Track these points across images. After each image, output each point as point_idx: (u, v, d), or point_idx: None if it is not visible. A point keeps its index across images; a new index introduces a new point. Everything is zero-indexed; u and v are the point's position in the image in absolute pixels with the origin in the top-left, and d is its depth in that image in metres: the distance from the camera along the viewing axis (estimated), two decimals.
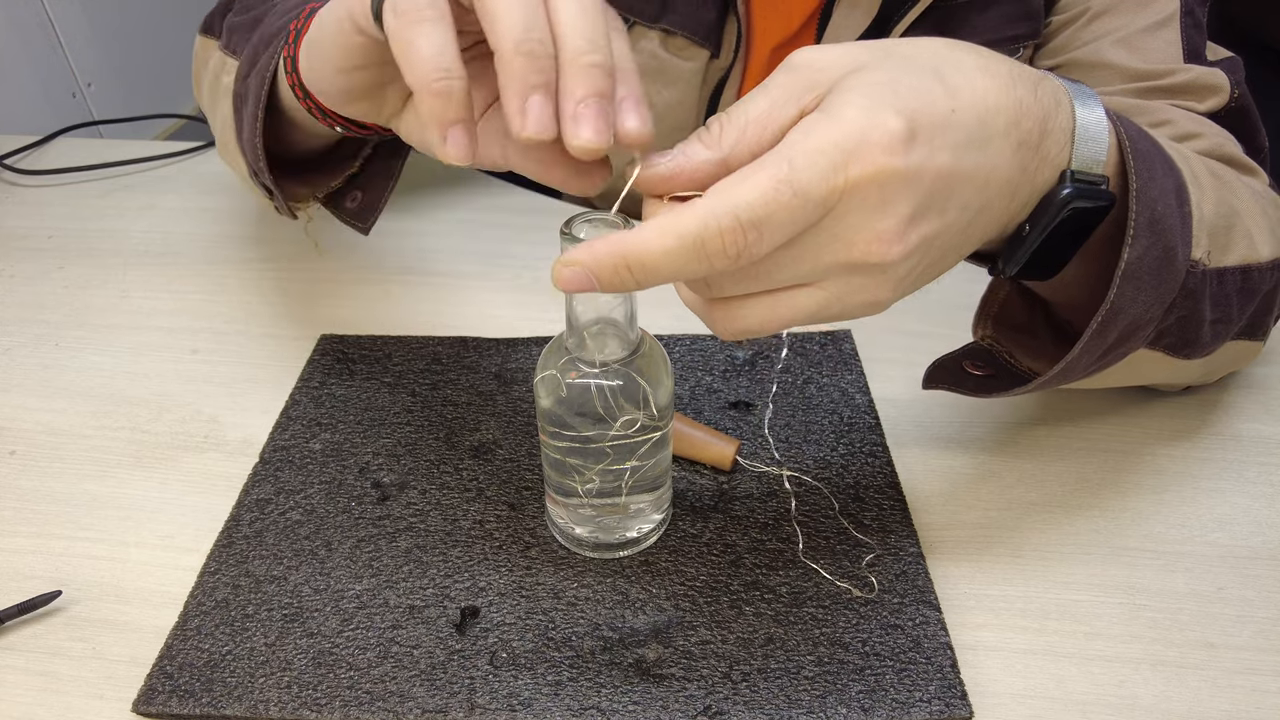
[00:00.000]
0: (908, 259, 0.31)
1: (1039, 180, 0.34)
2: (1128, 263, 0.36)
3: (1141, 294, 0.37)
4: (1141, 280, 0.37)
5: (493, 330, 0.60)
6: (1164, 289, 0.38)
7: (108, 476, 0.51)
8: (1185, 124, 0.55)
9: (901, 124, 0.30)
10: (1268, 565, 0.46)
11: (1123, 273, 0.36)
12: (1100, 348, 0.39)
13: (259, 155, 0.46)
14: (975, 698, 0.39)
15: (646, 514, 0.45)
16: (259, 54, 0.47)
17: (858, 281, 0.32)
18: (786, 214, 0.29)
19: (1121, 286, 0.36)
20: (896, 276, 0.32)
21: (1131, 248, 0.36)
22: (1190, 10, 0.58)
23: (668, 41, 0.66)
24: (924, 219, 0.31)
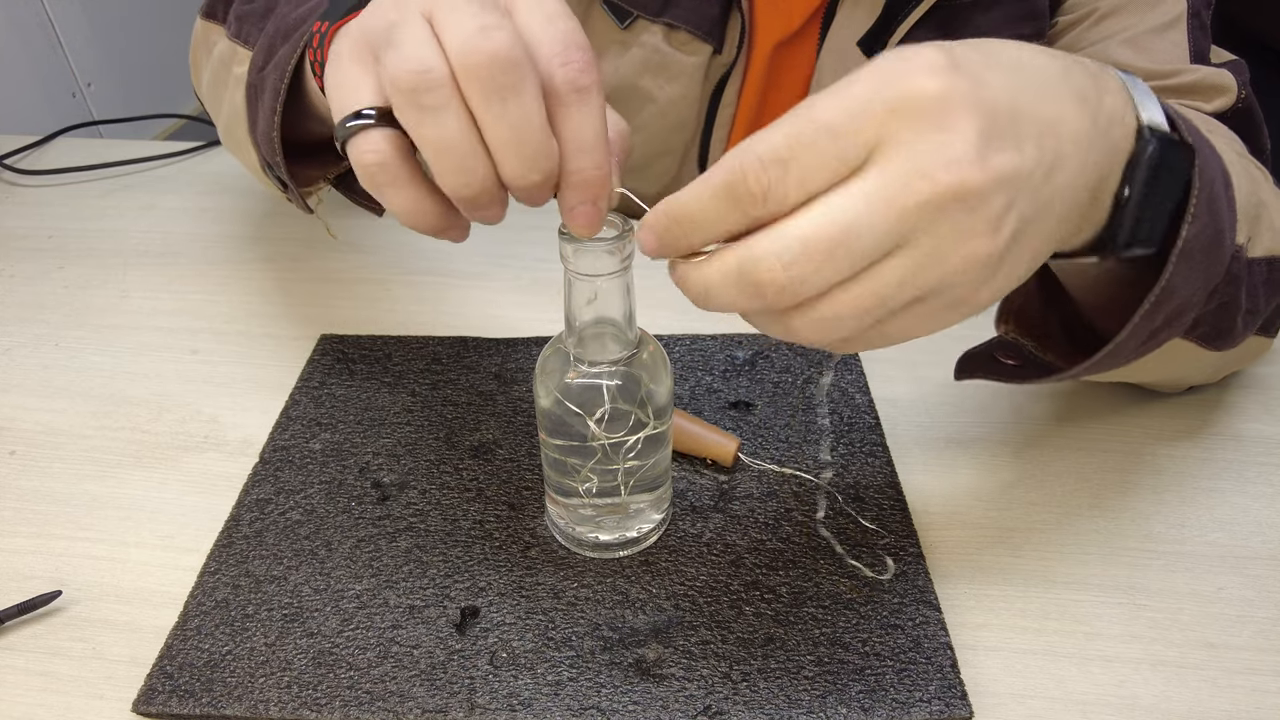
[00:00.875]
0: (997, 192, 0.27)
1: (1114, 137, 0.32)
2: (1186, 240, 0.34)
3: (1194, 274, 0.36)
4: (1195, 260, 0.35)
5: (493, 330, 0.60)
6: (1212, 272, 0.37)
7: (108, 476, 0.51)
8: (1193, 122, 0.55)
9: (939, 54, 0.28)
10: (1268, 565, 0.46)
11: (1180, 251, 0.34)
12: (1147, 330, 0.37)
13: (276, 149, 0.45)
14: (975, 698, 0.39)
15: (646, 514, 0.45)
16: (275, 46, 0.46)
17: (947, 228, 0.27)
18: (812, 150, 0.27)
19: (1177, 265, 0.34)
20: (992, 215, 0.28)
21: (1191, 225, 0.34)
22: (1197, 12, 0.58)
23: (671, 36, 0.66)
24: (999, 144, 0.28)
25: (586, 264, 0.36)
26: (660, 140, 0.70)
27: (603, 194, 0.33)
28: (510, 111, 0.30)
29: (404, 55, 0.30)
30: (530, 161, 0.31)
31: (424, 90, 0.30)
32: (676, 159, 0.71)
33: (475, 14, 0.30)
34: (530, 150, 0.31)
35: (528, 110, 0.30)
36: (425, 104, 0.30)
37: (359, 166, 0.33)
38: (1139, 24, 0.59)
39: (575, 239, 0.35)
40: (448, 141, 0.31)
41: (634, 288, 0.38)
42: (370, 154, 0.33)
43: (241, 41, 0.51)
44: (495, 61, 0.29)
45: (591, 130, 0.32)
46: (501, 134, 0.31)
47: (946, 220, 0.27)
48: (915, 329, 0.31)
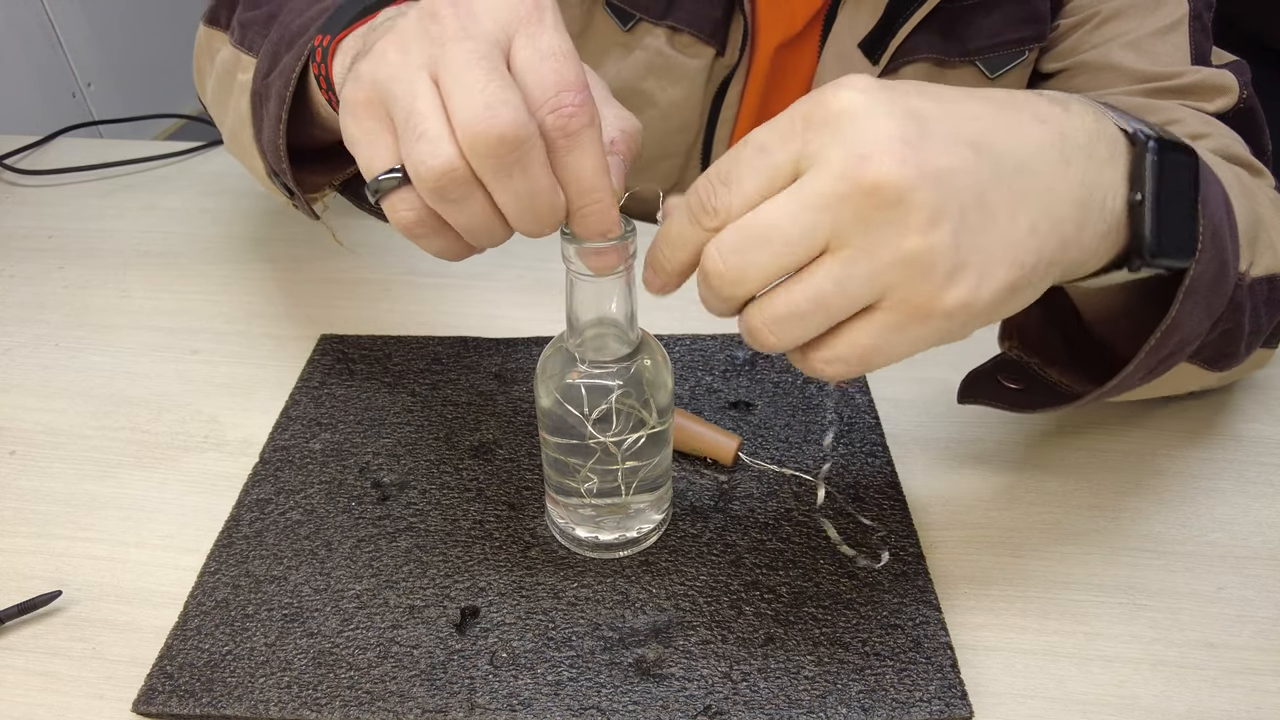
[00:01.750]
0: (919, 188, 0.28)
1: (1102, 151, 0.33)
2: (1193, 277, 0.34)
3: (1198, 309, 0.36)
4: (1200, 296, 0.36)
5: (493, 330, 0.60)
6: (1215, 304, 0.37)
7: (108, 476, 0.51)
8: (1194, 124, 0.55)
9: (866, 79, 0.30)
10: (1268, 565, 0.46)
11: (1187, 288, 0.35)
12: (1152, 363, 0.38)
13: (281, 157, 0.46)
14: (975, 698, 0.39)
15: (646, 514, 0.45)
16: (280, 53, 0.46)
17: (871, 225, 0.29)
18: (747, 166, 0.31)
19: (1184, 303, 0.35)
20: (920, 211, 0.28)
21: (1199, 262, 0.34)
22: (1198, 14, 0.58)
23: (674, 38, 0.66)
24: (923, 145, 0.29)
25: (588, 263, 0.36)
26: (663, 143, 0.70)
27: (611, 227, 0.35)
28: (518, 184, 0.32)
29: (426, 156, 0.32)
30: (541, 220, 0.34)
31: (448, 188, 0.32)
32: (679, 161, 0.71)
33: (480, 87, 0.31)
34: (539, 213, 0.33)
35: (533, 180, 0.32)
36: (449, 198, 0.33)
37: (397, 223, 0.35)
38: (1140, 27, 0.59)
39: (577, 239, 0.35)
40: (473, 222, 0.34)
41: (636, 288, 0.38)
42: (407, 213, 0.35)
43: (245, 49, 0.51)
44: (502, 143, 0.31)
45: (589, 171, 0.33)
46: (512, 203, 0.33)
47: (868, 216, 0.29)
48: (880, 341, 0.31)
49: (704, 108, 0.68)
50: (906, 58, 0.63)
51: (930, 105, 0.31)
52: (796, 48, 0.66)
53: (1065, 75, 0.63)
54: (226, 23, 0.56)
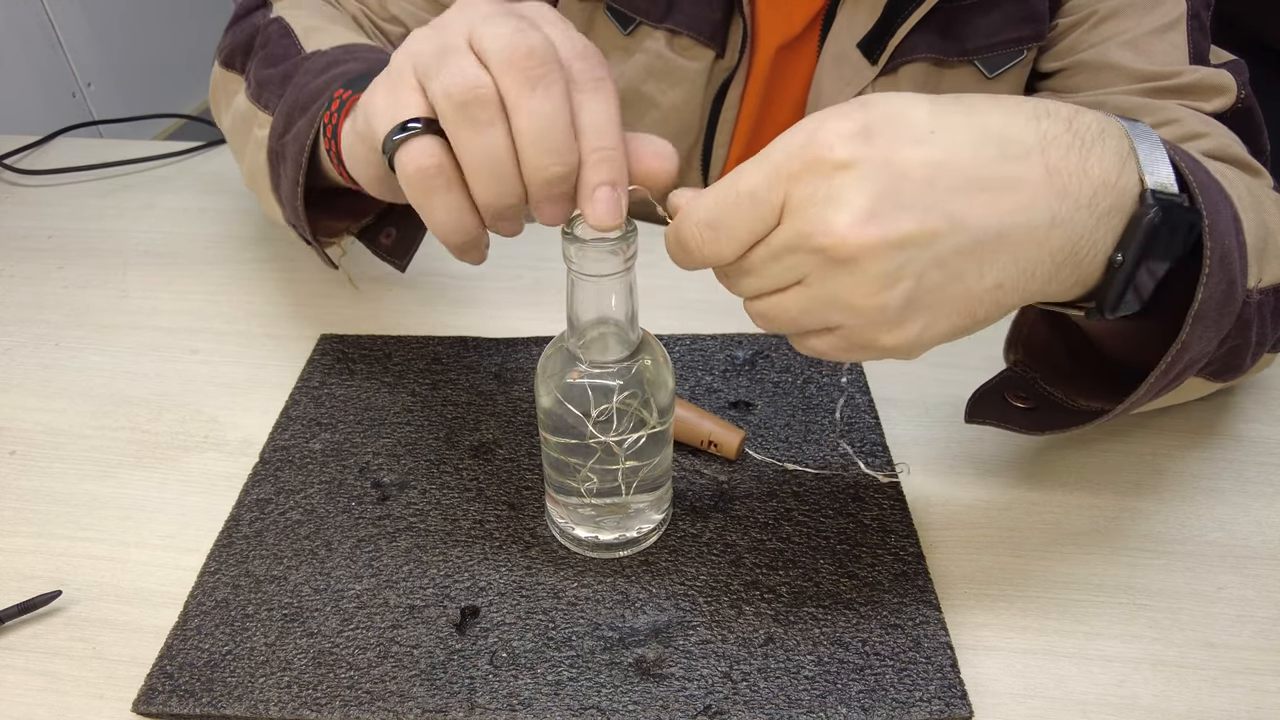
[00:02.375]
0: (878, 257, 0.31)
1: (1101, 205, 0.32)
2: (1201, 302, 0.34)
3: (1208, 330, 0.36)
4: (1209, 318, 0.36)
5: (493, 330, 0.60)
6: (1224, 323, 0.37)
7: (108, 476, 0.51)
8: (1192, 123, 0.55)
9: (852, 124, 0.31)
10: (1268, 565, 0.46)
11: (1196, 313, 0.35)
12: (1163, 383, 0.38)
13: (300, 216, 0.47)
14: (975, 698, 0.39)
15: (646, 514, 0.45)
16: (294, 118, 0.47)
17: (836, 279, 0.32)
18: (737, 213, 0.33)
19: (1193, 327, 0.35)
20: (878, 274, 0.31)
21: (1207, 286, 0.34)
22: (1196, 14, 0.58)
23: (673, 41, 0.66)
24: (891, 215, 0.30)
25: (590, 264, 0.36)
26: None
27: (621, 176, 0.34)
28: (541, 102, 0.32)
29: (457, 73, 0.33)
30: (553, 153, 0.33)
31: (477, 105, 0.33)
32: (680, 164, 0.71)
33: (511, 23, 0.33)
34: (554, 140, 0.33)
35: (556, 103, 0.33)
36: (477, 118, 0.33)
37: (412, 172, 0.35)
38: (1138, 26, 0.59)
39: (579, 239, 0.35)
40: (493, 153, 0.33)
41: (637, 288, 0.38)
42: (425, 157, 0.34)
43: (261, 106, 0.52)
44: (532, 54, 0.32)
45: (608, 115, 0.34)
46: (531, 126, 0.33)
47: (830, 272, 0.32)
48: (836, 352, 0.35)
49: (704, 110, 0.68)
50: (905, 57, 0.63)
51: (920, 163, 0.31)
52: (796, 49, 0.66)
53: (1063, 75, 0.63)
54: (241, 66, 0.57)
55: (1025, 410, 0.44)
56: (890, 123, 0.31)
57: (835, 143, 0.31)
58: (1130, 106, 0.57)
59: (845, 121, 0.31)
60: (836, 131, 0.31)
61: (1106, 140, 0.33)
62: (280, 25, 0.55)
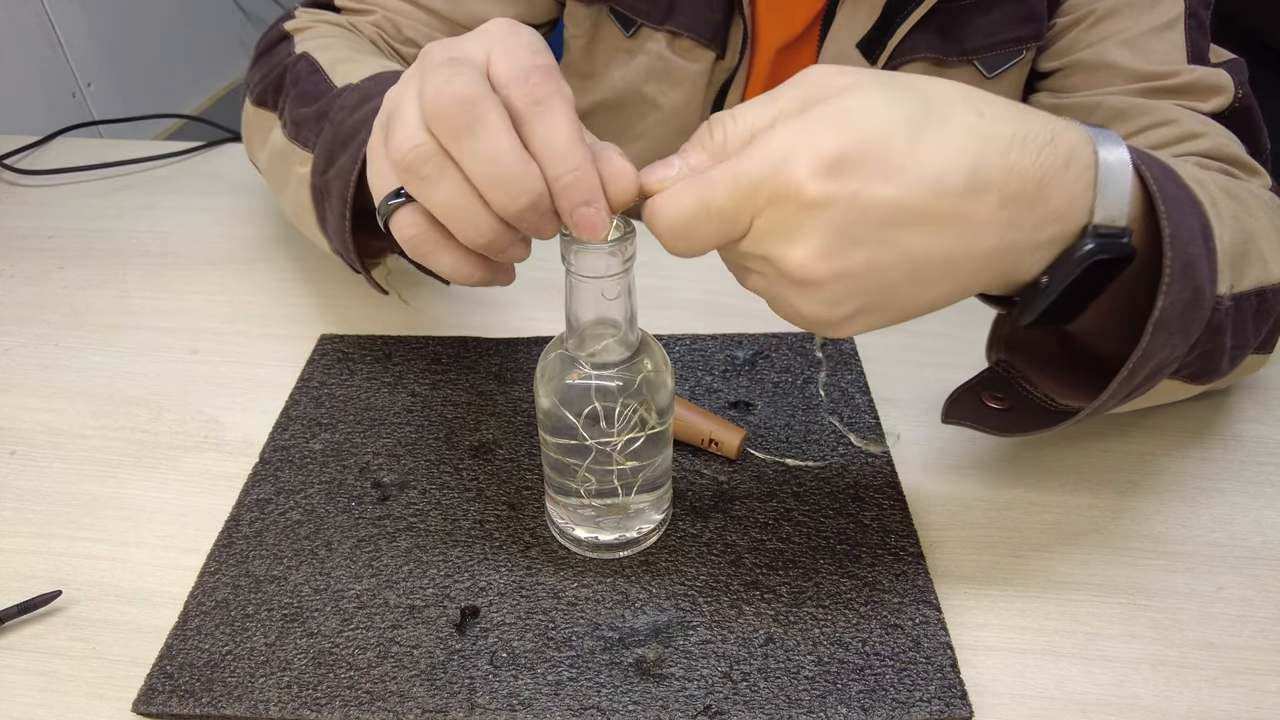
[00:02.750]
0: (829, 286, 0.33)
1: (1047, 237, 0.34)
2: (1162, 310, 0.35)
3: (1172, 339, 0.37)
4: (1172, 326, 0.36)
5: (493, 330, 0.60)
6: (1191, 329, 0.38)
7: (108, 476, 0.51)
8: (1189, 124, 0.55)
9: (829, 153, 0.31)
10: (1268, 565, 0.46)
11: (1156, 321, 0.35)
12: (1126, 390, 0.38)
13: (349, 247, 0.48)
14: (975, 698, 0.39)
15: (646, 514, 0.45)
16: (335, 154, 0.47)
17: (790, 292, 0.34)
18: (706, 229, 0.33)
19: (1154, 335, 0.35)
20: (827, 298, 0.33)
21: (1166, 294, 0.35)
22: (1195, 13, 0.58)
23: (674, 43, 0.66)
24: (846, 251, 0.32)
25: (588, 265, 0.36)
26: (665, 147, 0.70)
27: (594, 195, 0.34)
28: (479, 145, 0.32)
29: (397, 136, 0.34)
30: (511, 188, 0.33)
31: (418, 164, 0.33)
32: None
33: (443, 71, 0.33)
34: (507, 177, 0.33)
35: (494, 139, 0.32)
36: (423, 175, 0.33)
37: (401, 241, 0.36)
38: (1136, 25, 0.59)
39: (577, 240, 0.35)
40: (451, 202, 0.34)
41: (635, 289, 0.38)
42: (408, 228, 0.36)
43: (301, 144, 0.52)
44: (455, 104, 0.32)
45: (561, 135, 0.33)
46: (479, 170, 0.33)
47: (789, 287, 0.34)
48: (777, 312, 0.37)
49: (705, 111, 0.68)
50: (904, 57, 0.63)
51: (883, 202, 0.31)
52: (796, 49, 0.66)
53: (1061, 74, 0.63)
54: (273, 104, 0.57)
55: (1000, 411, 0.44)
56: (867, 156, 0.31)
57: (806, 179, 0.31)
58: (1126, 107, 0.57)
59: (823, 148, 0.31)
60: (811, 165, 0.31)
61: (1070, 170, 0.33)
62: (308, 62, 0.55)
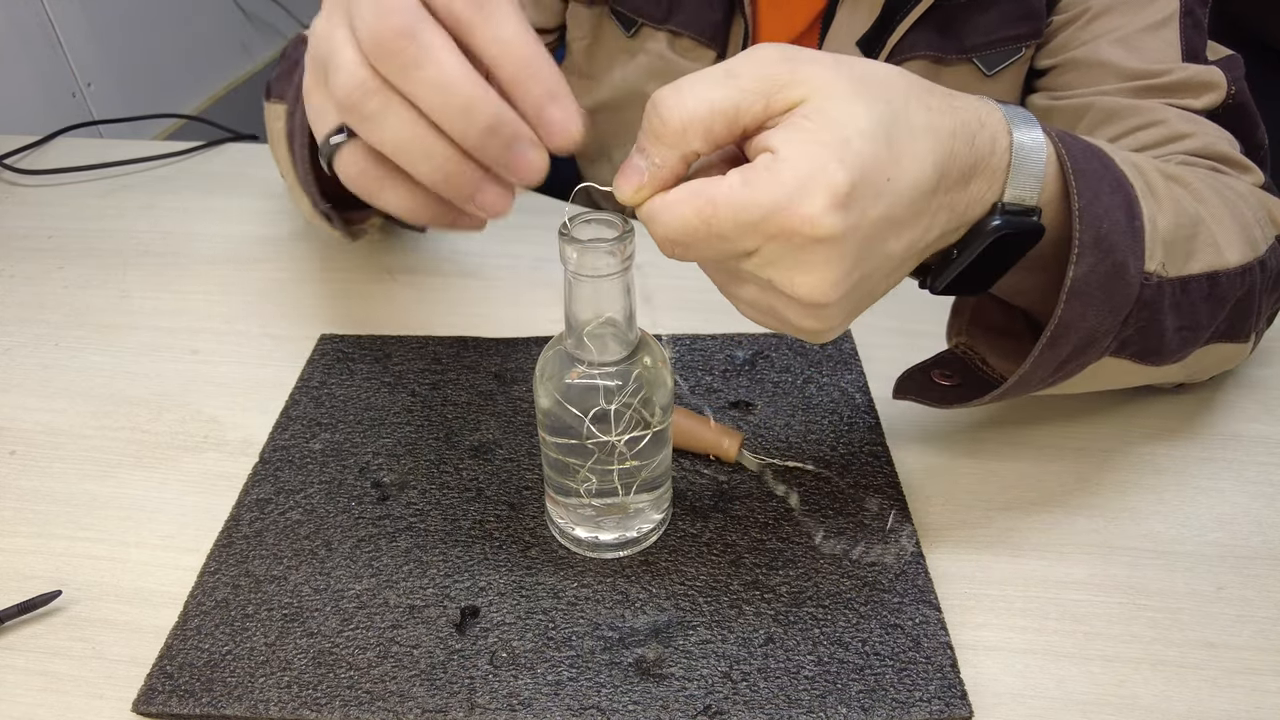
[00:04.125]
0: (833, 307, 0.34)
1: (967, 216, 0.36)
2: (1073, 279, 0.37)
3: (1091, 309, 0.38)
4: (1090, 296, 0.38)
5: (493, 330, 0.60)
6: (1116, 302, 0.39)
7: (108, 476, 0.51)
8: (1177, 124, 0.55)
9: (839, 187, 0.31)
10: (1268, 565, 0.46)
11: (1069, 290, 0.37)
12: (1054, 361, 0.40)
13: (311, 183, 0.47)
14: (975, 697, 0.39)
15: (646, 514, 0.45)
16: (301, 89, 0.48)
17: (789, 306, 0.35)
18: (705, 245, 0.33)
19: (1069, 303, 0.37)
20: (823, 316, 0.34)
21: (1076, 265, 0.37)
22: (1190, 10, 0.58)
23: (675, 42, 0.66)
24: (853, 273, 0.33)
25: (587, 264, 0.36)
26: None
27: (558, 90, 0.32)
28: (426, 73, 0.31)
29: (337, 76, 0.32)
30: (467, 113, 0.31)
31: (361, 102, 0.32)
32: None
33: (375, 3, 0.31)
34: (460, 101, 0.31)
35: (441, 66, 0.30)
36: (367, 112, 0.32)
37: (346, 181, 0.35)
38: (1130, 23, 0.59)
39: (576, 239, 0.35)
40: (400, 138, 0.32)
41: (634, 288, 0.38)
42: (350, 166, 0.34)
43: (279, 99, 0.53)
44: (395, 35, 0.30)
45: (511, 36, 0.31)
46: (431, 100, 0.31)
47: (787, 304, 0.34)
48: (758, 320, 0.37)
49: None
50: (904, 55, 0.63)
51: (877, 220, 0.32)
52: None
53: (1056, 72, 0.63)
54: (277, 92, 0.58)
55: (946, 387, 0.46)
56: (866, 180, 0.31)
57: (820, 214, 0.31)
58: (1117, 108, 0.58)
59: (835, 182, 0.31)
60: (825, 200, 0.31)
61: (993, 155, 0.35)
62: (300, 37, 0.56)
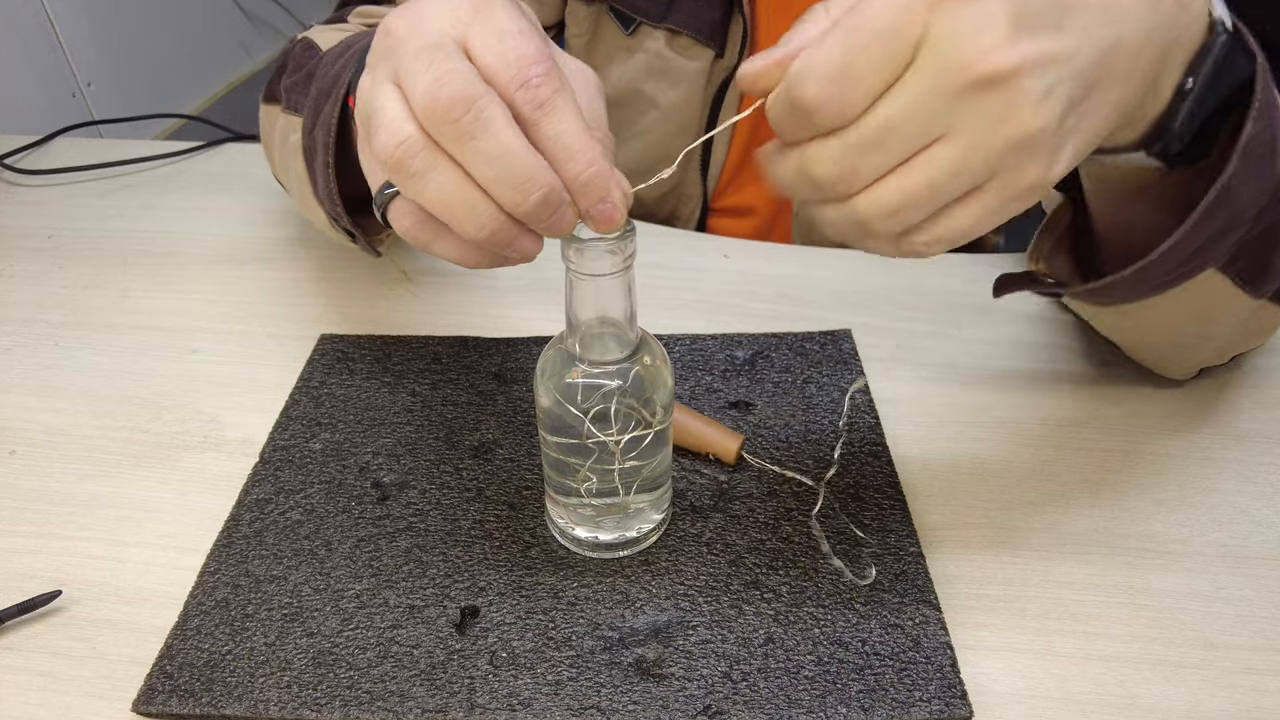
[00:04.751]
0: (1032, 74, 0.29)
1: (1180, 26, 0.33)
2: (1249, 137, 0.35)
3: (1252, 178, 0.37)
4: (1253, 163, 0.36)
5: (493, 330, 0.60)
6: (1266, 182, 0.38)
7: (108, 476, 0.51)
8: None
9: None
10: (1268, 565, 0.46)
11: (1242, 148, 0.35)
12: (1203, 234, 0.37)
13: (335, 202, 0.47)
14: (975, 698, 0.39)
15: (646, 514, 0.45)
16: (320, 106, 0.48)
17: (986, 112, 0.29)
18: (869, 55, 0.29)
19: (1239, 163, 0.35)
20: (1030, 97, 0.29)
21: (1255, 122, 0.35)
22: None
23: (673, 41, 0.66)
24: (1034, 32, 0.29)
25: (588, 264, 0.36)
26: (662, 145, 0.70)
27: (609, 190, 0.33)
28: (483, 145, 0.31)
29: (381, 134, 0.32)
30: (521, 187, 0.32)
31: (406, 160, 0.32)
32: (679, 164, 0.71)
33: (429, 66, 0.31)
34: (517, 176, 0.31)
35: (499, 138, 0.31)
36: (412, 171, 0.32)
37: (400, 233, 0.35)
38: None
39: (577, 239, 0.35)
40: (446, 198, 0.32)
41: (635, 287, 0.38)
42: (404, 218, 0.35)
43: (293, 111, 0.53)
44: (453, 104, 0.30)
45: (570, 134, 0.32)
46: (485, 170, 0.32)
47: (984, 105, 0.29)
48: (978, 221, 0.32)
49: (703, 110, 0.68)
50: None
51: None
52: None
53: None
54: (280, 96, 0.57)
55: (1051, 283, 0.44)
56: None
57: None
58: None
59: None
60: None
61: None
62: (306, 42, 0.56)
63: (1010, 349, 0.59)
